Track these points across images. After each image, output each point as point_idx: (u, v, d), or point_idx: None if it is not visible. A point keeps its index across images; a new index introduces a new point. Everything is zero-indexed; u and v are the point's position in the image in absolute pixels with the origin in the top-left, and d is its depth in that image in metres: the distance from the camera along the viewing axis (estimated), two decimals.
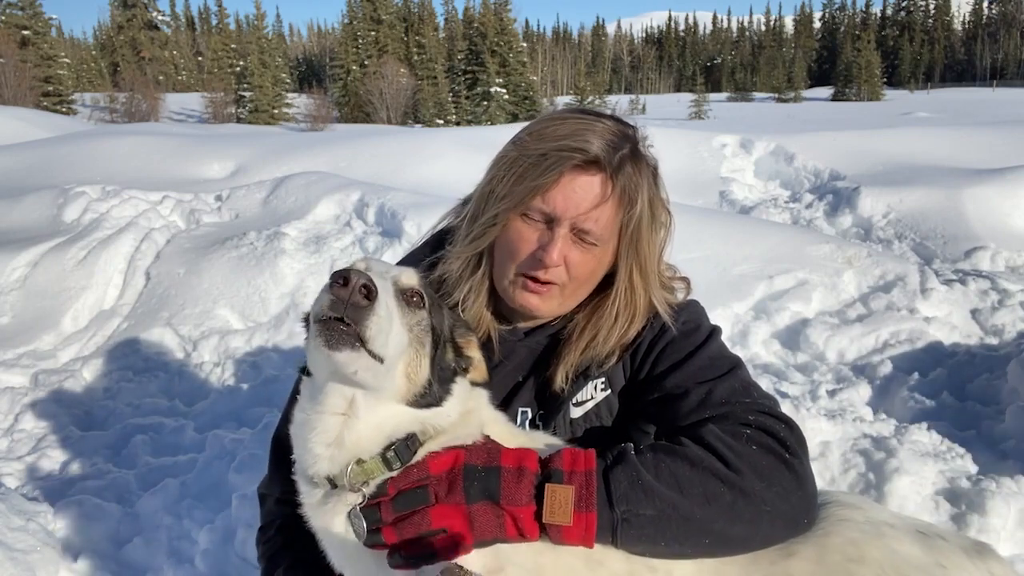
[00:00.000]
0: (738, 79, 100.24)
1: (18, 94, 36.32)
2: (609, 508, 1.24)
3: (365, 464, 1.28)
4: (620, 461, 1.29)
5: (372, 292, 1.11)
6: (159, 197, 6.72)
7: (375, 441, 1.27)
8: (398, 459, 1.27)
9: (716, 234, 5.84)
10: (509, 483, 1.25)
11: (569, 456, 1.29)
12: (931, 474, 3.16)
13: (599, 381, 1.61)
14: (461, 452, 1.29)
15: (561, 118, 1.54)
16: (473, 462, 1.28)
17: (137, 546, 2.98)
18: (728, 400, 1.43)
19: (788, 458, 1.33)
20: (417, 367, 1.29)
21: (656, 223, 1.57)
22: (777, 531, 1.30)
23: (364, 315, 1.11)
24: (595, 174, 1.48)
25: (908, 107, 36.17)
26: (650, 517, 1.25)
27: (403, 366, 1.27)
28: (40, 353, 4.82)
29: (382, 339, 1.15)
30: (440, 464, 1.28)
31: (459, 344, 1.43)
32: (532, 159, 1.49)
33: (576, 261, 1.52)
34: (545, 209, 1.49)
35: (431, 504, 1.24)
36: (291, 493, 1.48)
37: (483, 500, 1.24)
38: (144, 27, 68.95)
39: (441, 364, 1.35)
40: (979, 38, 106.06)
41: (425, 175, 9.04)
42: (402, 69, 53.55)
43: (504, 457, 1.29)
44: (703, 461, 1.29)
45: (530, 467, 1.27)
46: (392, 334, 1.19)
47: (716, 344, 1.58)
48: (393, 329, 1.19)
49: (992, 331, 4.81)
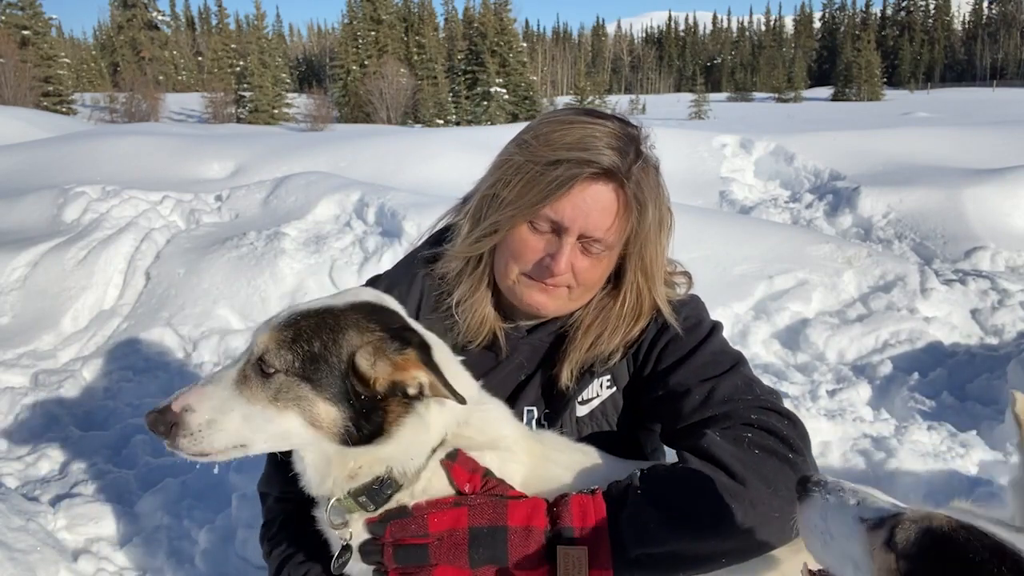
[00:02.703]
0: (738, 79, 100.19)
1: (18, 94, 36.34)
2: (623, 553, 1.24)
3: (343, 501, 1.31)
4: (626, 502, 1.28)
5: (160, 428, 1.25)
6: (159, 197, 6.71)
7: (337, 478, 1.31)
8: (371, 502, 1.29)
9: (716, 234, 5.84)
10: (516, 545, 1.23)
11: (578, 509, 1.26)
12: (931, 474, 3.16)
13: (604, 379, 1.62)
14: (464, 511, 1.26)
15: (568, 121, 1.52)
16: (478, 523, 1.24)
17: (137, 546, 2.98)
18: (730, 398, 1.44)
19: (792, 457, 1.33)
20: (313, 417, 1.24)
21: (662, 225, 1.57)
22: (788, 533, 1.31)
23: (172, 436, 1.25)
24: (606, 184, 1.47)
25: (908, 107, 36.17)
26: (664, 554, 1.25)
27: (296, 421, 1.24)
28: (40, 353, 4.82)
29: (191, 442, 1.24)
30: (441, 523, 1.25)
31: (366, 376, 1.25)
32: (540, 168, 1.47)
33: (583, 268, 1.52)
34: (554, 218, 1.48)
35: (432, 565, 1.23)
36: (290, 491, 1.50)
37: (488, 564, 1.23)
38: (144, 27, 69.02)
39: (351, 400, 1.25)
40: (979, 38, 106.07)
41: (425, 175, 9.03)
42: (402, 69, 53.56)
43: (511, 515, 1.25)
44: (708, 482, 1.29)
45: (538, 525, 1.25)
46: (227, 424, 1.25)
47: (718, 340, 1.58)
48: (225, 428, 1.25)
49: (992, 331, 4.81)
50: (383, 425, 1.26)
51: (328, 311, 1.30)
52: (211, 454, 1.25)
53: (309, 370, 1.24)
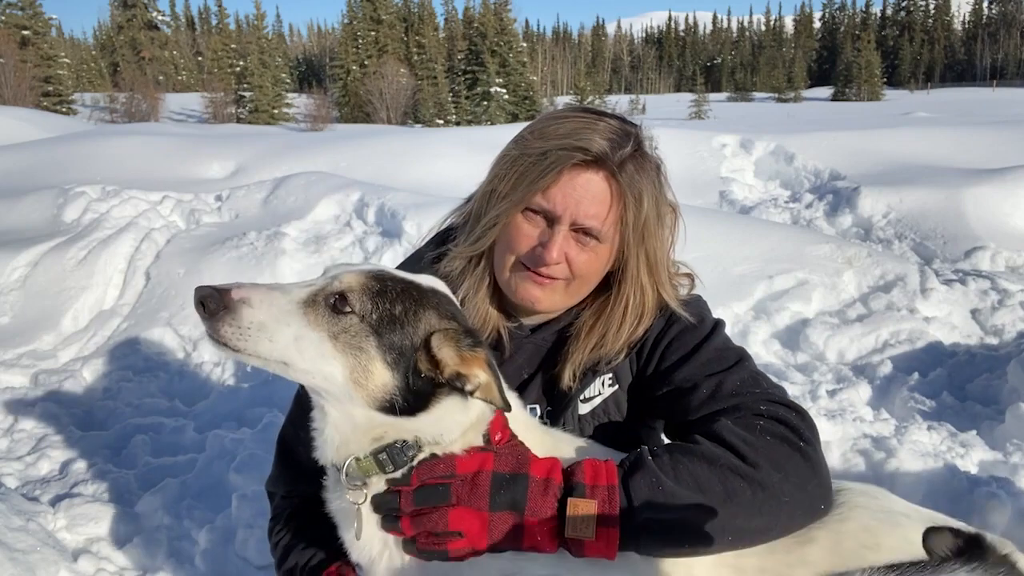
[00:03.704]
0: (738, 79, 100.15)
1: (18, 94, 36.31)
2: (631, 518, 1.24)
3: (361, 462, 1.30)
4: (639, 467, 1.29)
5: (209, 305, 1.19)
6: (159, 197, 6.72)
7: (359, 442, 1.29)
8: (391, 462, 1.29)
9: (716, 234, 5.83)
10: (536, 495, 1.25)
11: (591, 469, 1.29)
12: (931, 474, 3.16)
13: (607, 377, 1.62)
14: (490, 455, 1.29)
15: (563, 116, 1.54)
16: (501, 469, 1.28)
17: (137, 546, 2.98)
18: (738, 391, 1.44)
19: (802, 446, 1.34)
20: (364, 373, 1.23)
21: (662, 221, 1.57)
22: (796, 520, 1.32)
23: (217, 319, 1.19)
24: (596, 172, 1.48)
25: (908, 107, 36.10)
26: (672, 522, 1.26)
27: (344, 370, 1.22)
28: (40, 353, 4.82)
29: (235, 335, 1.19)
30: (468, 464, 1.28)
31: (437, 358, 1.27)
32: (533, 158, 1.49)
33: (577, 259, 1.52)
34: (545, 206, 1.49)
35: (451, 504, 1.25)
36: (295, 490, 1.53)
37: (506, 509, 1.25)
38: (144, 27, 68.99)
39: (408, 372, 1.26)
40: (979, 38, 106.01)
41: (425, 175, 9.04)
42: (402, 69, 53.50)
43: (533, 466, 1.29)
44: (720, 459, 1.30)
45: (556, 479, 1.27)
46: (273, 338, 1.20)
47: (721, 337, 1.59)
48: (274, 336, 1.20)
49: (992, 331, 4.81)
50: (427, 404, 1.27)
51: (413, 284, 1.31)
52: (246, 355, 1.21)
53: (383, 327, 1.24)
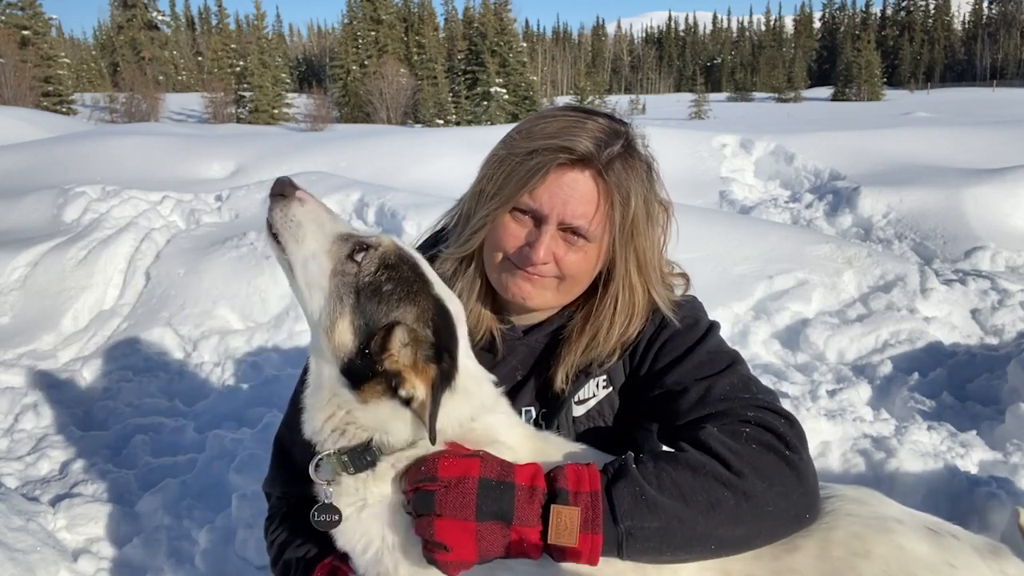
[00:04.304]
0: (738, 79, 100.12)
1: (18, 94, 36.29)
2: (614, 525, 1.24)
3: (331, 458, 1.34)
4: (622, 475, 1.28)
5: (280, 189, 1.39)
6: (159, 197, 6.72)
7: (325, 417, 1.35)
8: (351, 464, 1.32)
9: (716, 234, 5.84)
10: (522, 503, 1.24)
11: (573, 475, 1.27)
12: (931, 474, 3.16)
13: (600, 379, 1.61)
14: (476, 461, 1.27)
15: (551, 116, 1.54)
16: (488, 475, 1.25)
17: (137, 546, 2.98)
18: (727, 396, 1.43)
19: (788, 455, 1.33)
20: (332, 322, 1.31)
21: (652, 220, 1.56)
22: (780, 529, 1.31)
23: (275, 202, 1.39)
24: (583, 171, 1.47)
25: (908, 107, 36.11)
26: (655, 529, 1.25)
27: (322, 308, 1.32)
28: (40, 353, 4.82)
29: (281, 218, 1.36)
30: (451, 468, 1.26)
31: (389, 347, 1.29)
32: (520, 158, 1.48)
33: (565, 258, 1.51)
34: (532, 206, 1.49)
35: (435, 515, 1.23)
36: (291, 491, 1.53)
37: (494, 519, 1.23)
38: (144, 27, 68.96)
39: (361, 344, 1.30)
40: (979, 38, 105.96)
41: (425, 175, 9.05)
42: (402, 69, 53.49)
43: (518, 473, 1.27)
44: (705, 467, 1.29)
45: (540, 486, 1.26)
46: (300, 240, 1.35)
47: (715, 339, 1.57)
48: (301, 239, 1.35)
49: (992, 331, 4.81)
50: (361, 387, 1.30)
51: (424, 279, 1.38)
52: (278, 246, 1.37)
53: (366, 292, 1.32)
